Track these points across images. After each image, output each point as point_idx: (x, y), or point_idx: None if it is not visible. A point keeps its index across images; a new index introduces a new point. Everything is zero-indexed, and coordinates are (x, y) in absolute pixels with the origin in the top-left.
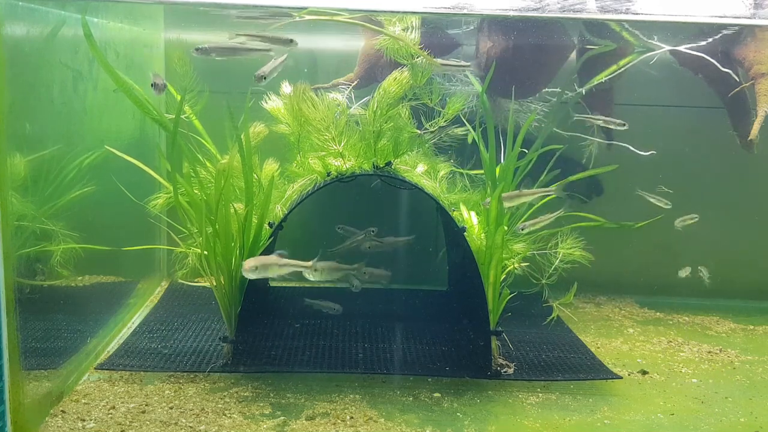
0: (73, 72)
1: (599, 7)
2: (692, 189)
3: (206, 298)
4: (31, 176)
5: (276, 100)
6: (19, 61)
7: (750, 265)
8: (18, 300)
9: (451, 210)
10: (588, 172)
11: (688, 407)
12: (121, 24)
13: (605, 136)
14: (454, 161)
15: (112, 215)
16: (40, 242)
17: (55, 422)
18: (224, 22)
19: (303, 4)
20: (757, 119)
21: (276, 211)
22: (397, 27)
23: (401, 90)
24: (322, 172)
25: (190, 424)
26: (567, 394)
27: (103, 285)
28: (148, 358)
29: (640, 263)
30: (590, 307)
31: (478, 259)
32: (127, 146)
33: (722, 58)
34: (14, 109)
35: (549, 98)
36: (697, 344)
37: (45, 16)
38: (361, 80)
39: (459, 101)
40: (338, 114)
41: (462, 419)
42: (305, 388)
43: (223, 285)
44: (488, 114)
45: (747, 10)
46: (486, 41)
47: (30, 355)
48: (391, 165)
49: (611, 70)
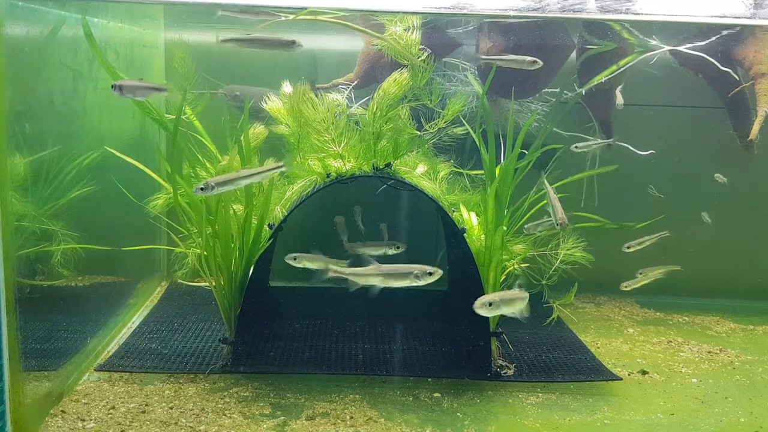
0: (73, 72)
1: (599, 7)
2: (692, 189)
3: (206, 298)
4: (31, 176)
5: (276, 100)
6: (19, 61)
7: (750, 265)
8: (18, 300)
9: (451, 211)
10: (588, 172)
11: (688, 407)
12: (121, 24)
13: (605, 137)
14: (455, 161)
15: (112, 215)
16: (40, 242)
17: (55, 422)
18: (224, 22)
19: (303, 4)
20: (757, 119)
21: (276, 212)
22: (398, 27)
23: (401, 91)
24: (322, 173)
25: (190, 424)
26: (567, 394)
27: (103, 285)
28: (148, 358)
29: (640, 263)
30: (590, 307)
31: (477, 260)
32: (127, 146)
33: (722, 58)
34: (14, 109)
35: (549, 98)
36: (697, 344)
37: (45, 16)
38: (361, 80)
39: (459, 102)
40: (338, 115)
41: (462, 419)
42: (305, 388)
43: (223, 286)
44: (488, 115)
45: (747, 10)
46: (486, 41)
47: (30, 356)
48: (391, 166)
49: (611, 70)
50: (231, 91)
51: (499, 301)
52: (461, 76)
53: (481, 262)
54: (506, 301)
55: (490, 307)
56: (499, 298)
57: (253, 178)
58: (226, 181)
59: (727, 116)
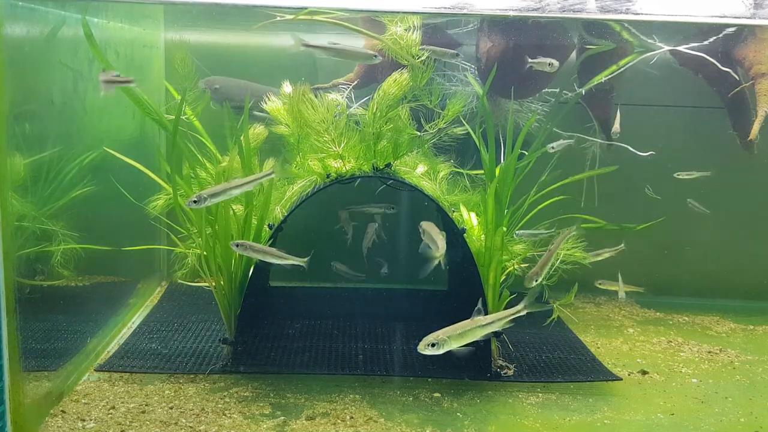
0: (73, 72)
1: (599, 7)
2: (692, 189)
3: (206, 298)
4: (31, 176)
5: (275, 100)
6: (19, 61)
7: (750, 265)
8: (18, 300)
9: (452, 211)
10: (588, 173)
11: (688, 407)
12: (121, 24)
13: (605, 137)
14: (455, 161)
15: (113, 215)
16: (40, 242)
17: (55, 422)
18: (224, 22)
19: (303, 4)
20: (757, 119)
21: (276, 212)
22: (398, 27)
23: (401, 92)
24: (322, 174)
25: (190, 424)
26: (567, 394)
27: (103, 285)
28: (148, 358)
29: (641, 263)
30: (590, 307)
31: (477, 260)
32: (127, 146)
33: (722, 58)
34: (14, 109)
35: (549, 98)
36: (697, 344)
37: (45, 16)
38: (361, 80)
39: (459, 102)
40: (338, 115)
41: (462, 419)
42: (305, 388)
43: (223, 286)
44: (488, 115)
45: (747, 10)
46: (486, 41)
47: (30, 356)
48: (391, 166)
49: (611, 70)
50: (210, 84)
51: (446, 338)
52: (461, 76)
53: (481, 262)
54: (454, 337)
55: (433, 348)
56: (446, 335)
57: (245, 187)
58: (218, 192)
59: (727, 116)
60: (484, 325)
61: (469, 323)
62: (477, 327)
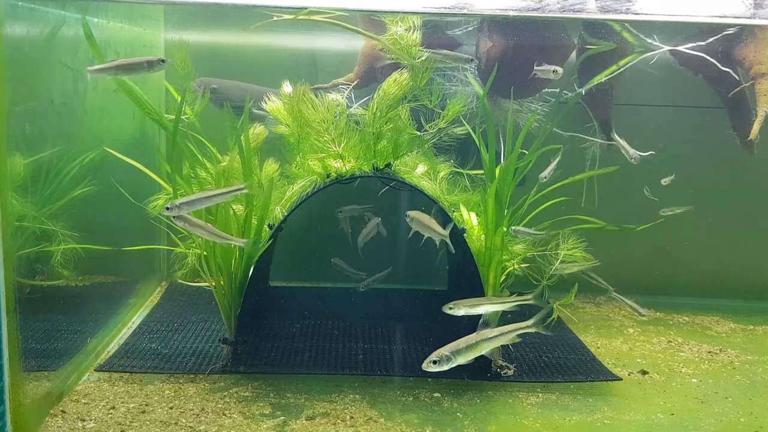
0: (73, 72)
1: (599, 7)
2: (691, 189)
3: (206, 298)
4: (31, 176)
5: (275, 100)
6: (19, 61)
7: (750, 265)
8: (18, 300)
9: (452, 211)
10: (589, 173)
11: (688, 407)
12: (121, 24)
13: (605, 137)
14: (455, 161)
15: (112, 215)
16: (40, 242)
17: (55, 422)
18: (224, 22)
19: (303, 4)
20: (757, 119)
21: (276, 212)
22: (399, 27)
23: (401, 92)
24: (322, 174)
25: (190, 424)
26: (567, 394)
27: (103, 285)
28: (148, 358)
29: (640, 264)
30: (590, 307)
31: (477, 260)
32: (127, 146)
33: (722, 58)
34: (14, 109)
35: (549, 98)
36: (697, 344)
37: (45, 16)
38: (361, 80)
39: (459, 102)
40: (338, 115)
41: (462, 419)
42: (305, 388)
43: (223, 286)
44: (488, 115)
45: (747, 10)
46: (486, 41)
47: (30, 356)
48: (391, 166)
49: (611, 70)
50: (204, 85)
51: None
52: (461, 76)
53: (481, 262)
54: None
55: (436, 365)
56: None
57: (216, 199)
58: (192, 201)
59: (726, 116)
60: (490, 338)
61: (475, 337)
62: (483, 340)
